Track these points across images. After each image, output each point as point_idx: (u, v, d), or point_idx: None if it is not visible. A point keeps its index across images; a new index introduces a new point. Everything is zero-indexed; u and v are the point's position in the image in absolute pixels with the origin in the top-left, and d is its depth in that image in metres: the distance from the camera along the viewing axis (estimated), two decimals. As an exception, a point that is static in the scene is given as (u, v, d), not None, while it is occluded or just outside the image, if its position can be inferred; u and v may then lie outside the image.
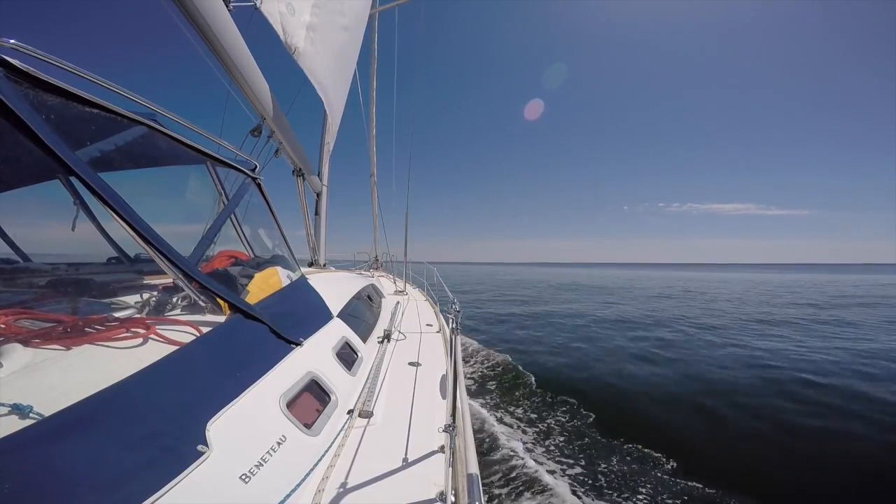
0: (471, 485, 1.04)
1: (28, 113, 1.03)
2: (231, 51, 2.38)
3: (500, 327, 13.18)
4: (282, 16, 3.42)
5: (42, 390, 0.91)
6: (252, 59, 2.66)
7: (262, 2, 3.23)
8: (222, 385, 1.30)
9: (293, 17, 3.54)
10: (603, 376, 7.58)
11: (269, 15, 3.32)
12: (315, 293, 2.64)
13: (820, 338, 10.90)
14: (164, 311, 1.66)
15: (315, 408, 1.71)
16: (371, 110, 8.51)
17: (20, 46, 1.08)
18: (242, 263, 2.23)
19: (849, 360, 8.40)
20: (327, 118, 5.33)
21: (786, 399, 6.29)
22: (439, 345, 3.40)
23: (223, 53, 2.34)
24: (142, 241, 1.31)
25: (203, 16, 2.04)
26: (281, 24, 3.41)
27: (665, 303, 19.91)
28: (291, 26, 3.54)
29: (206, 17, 2.05)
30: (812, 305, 18.77)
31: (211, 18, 2.10)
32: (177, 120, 1.78)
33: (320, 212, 6.25)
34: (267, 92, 3.07)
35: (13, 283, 1.85)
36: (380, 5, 7.70)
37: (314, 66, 3.86)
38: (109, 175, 1.41)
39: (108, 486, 0.80)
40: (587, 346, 10.05)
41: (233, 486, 1.06)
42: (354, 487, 1.36)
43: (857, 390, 6.61)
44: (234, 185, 2.36)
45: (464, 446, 1.41)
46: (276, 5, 3.36)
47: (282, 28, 3.43)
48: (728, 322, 13.57)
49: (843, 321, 13.84)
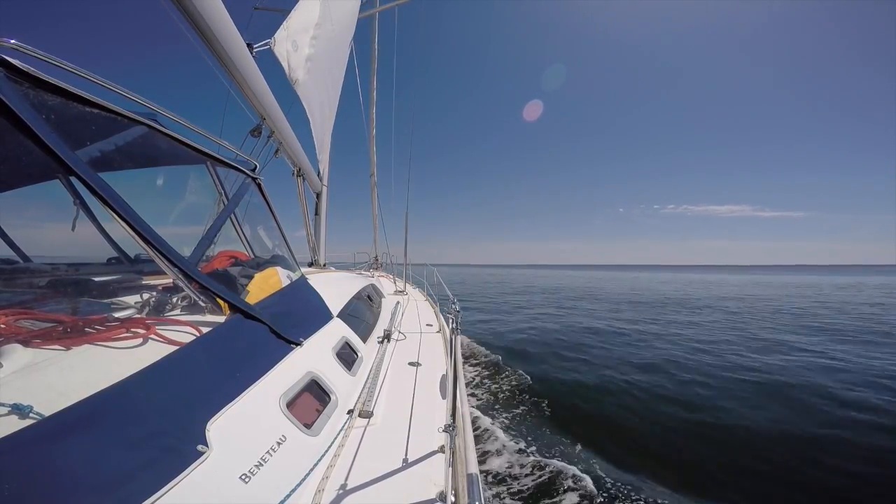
0: (471, 485, 1.04)
1: (28, 113, 1.03)
2: (230, 51, 2.38)
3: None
4: (288, 53, 3.94)
5: (42, 390, 0.91)
6: (251, 59, 2.66)
7: (275, 43, 3.74)
8: (222, 385, 1.30)
9: (296, 52, 4.04)
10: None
11: (279, 54, 3.84)
12: (315, 293, 2.64)
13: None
14: (164, 311, 1.66)
15: (315, 408, 1.71)
16: (371, 111, 8.52)
17: (20, 46, 1.08)
18: (242, 263, 2.22)
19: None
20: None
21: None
22: (439, 345, 3.40)
23: (222, 53, 2.34)
24: (142, 241, 1.31)
25: (202, 15, 2.04)
26: (287, 60, 3.92)
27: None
28: (294, 61, 4.03)
29: (205, 16, 2.05)
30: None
31: (210, 18, 2.10)
32: (177, 120, 1.78)
33: (320, 212, 6.25)
34: (267, 91, 3.08)
35: (13, 283, 1.84)
36: (380, 5, 7.70)
37: (310, 94, 4.39)
38: (109, 175, 1.41)
39: (108, 486, 0.80)
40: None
41: (233, 486, 1.06)
42: (354, 487, 1.36)
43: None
44: (234, 185, 2.36)
45: (464, 446, 1.41)
46: (284, 45, 3.86)
47: (287, 64, 3.94)
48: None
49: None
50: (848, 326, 12.96)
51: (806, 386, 6.85)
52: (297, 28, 4.07)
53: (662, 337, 11.24)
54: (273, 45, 3.69)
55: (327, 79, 4.93)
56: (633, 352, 9.46)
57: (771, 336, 11.32)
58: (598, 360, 8.66)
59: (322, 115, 4.98)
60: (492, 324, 13.79)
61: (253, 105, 3.07)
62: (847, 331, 12.14)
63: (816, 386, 6.84)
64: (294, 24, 4.04)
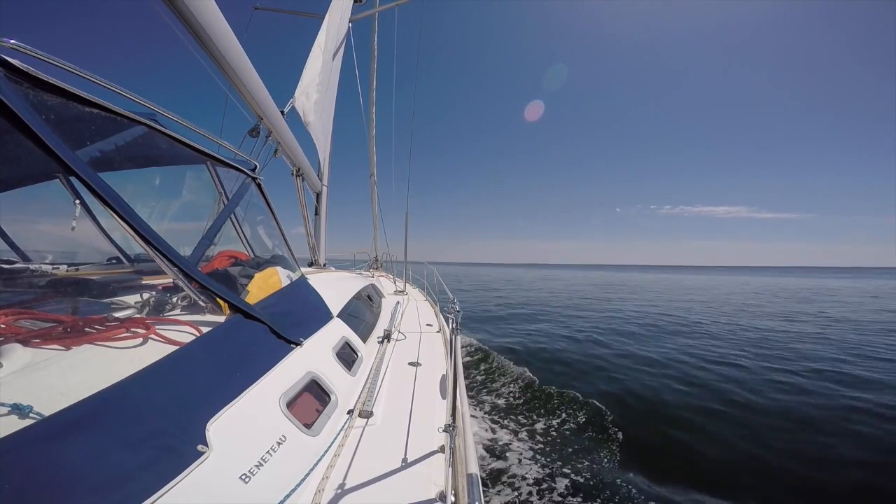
0: (471, 485, 1.04)
1: (28, 113, 1.03)
2: (225, 51, 2.37)
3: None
4: (304, 105, 4.68)
5: (42, 390, 0.91)
6: (246, 58, 2.64)
7: (295, 100, 4.56)
8: (222, 385, 1.30)
9: (308, 101, 4.75)
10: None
11: (299, 108, 4.61)
12: (315, 293, 2.64)
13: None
14: (164, 311, 1.66)
15: (315, 408, 1.71)
16: (371, 111, 8.51)
17: (20, 46, 1.08)
18: (242, 263, 2.22)
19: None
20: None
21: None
22: (439, 345, 3.41)
23: (216, 53, 2.32)
24: (142, 241, 1.31)
25: (194, 15, 2.02)
26: (303, 110, 4.66)
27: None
28: (307, 108, 4.73)
29: (197, 16, 2.03)
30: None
31: (203, 18, 2.08)
32: (177, 120, 1.78)
33: (320, 212, 6.25)
34: (263, 91, 3.06)
35: (13, 283, 1.85)
36: (380, 5, 7.70)
37: (317, 131, 5.10)
38: (109, 175, 1.41)
39: (108, 486, 0.80)
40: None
41: (233, 486, 1.06)
42: (354, 487, 1.36)
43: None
44: (234, 185, 2.36)
45: (464, 446, 1.41)
46: (302, 99, 4.67)
47: (303, 112, 4.67)
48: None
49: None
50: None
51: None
52: (308, 82, 4.81)
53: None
54: (294, 102, 4.51)
55: (327, 94, 5.47)
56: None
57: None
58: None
59: (322, 118, 5.09)
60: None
61: (249, 105, 3.06)
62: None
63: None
64: (306, 79, 4.81)
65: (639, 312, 16.13)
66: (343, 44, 6.50)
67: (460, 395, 1.55)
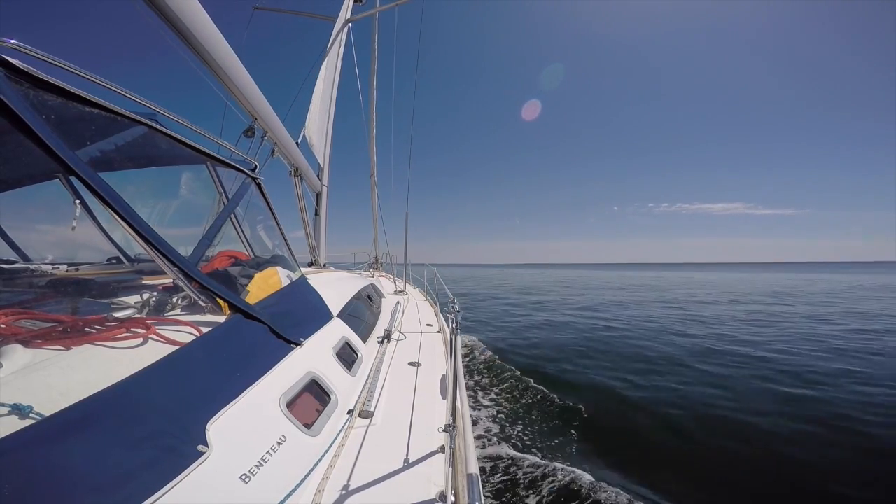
0: (471, 485, 1.04)
1: (28, 113, 1.03)
2: (212, 50, 2.35)
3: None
4: (309, 130, 5.38)
5: (42, 390, 0.91)
6: (236, 58, 2.62)
7: (303, 133, 5.34)
8: (222, 385, 1.30)
9: (312, 124, 5.44)
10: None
11: (308, 138, 5.40)
12: (315, 293, 2.64)
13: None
14: (164, 311, 1.66)
15: (315, 408, 1.71)
16: (371, 111, 8.51)
17: (20, 46, 1.08)
18: (242, 263, 2.22)
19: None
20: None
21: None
22: (439, 345, 3.41)
23: (203, 52, 2.31)
24: (142, 240, 1.31)
25: (177, 14, 2.00)
26: (311, 138, 5.36)
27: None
28: (311, 132, 5.45)
29: (180, 16, 2.02)
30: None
31: (188, 19, 2.06)
32: (177, 120, 1.78)
33: (320, 212, 6.26)
34: (255, 91, 3.04)
35: (13, 283, 1.84)
36: (380, 5, 7.70)
37: (319, 150, 5.87)
38: (109, 175, 1.41)
39: (108, 486, 0.80)
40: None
41: (233, 486, 1.06)
42: (354, 487, 1.36)
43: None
44: (234, 184, 2.36)
45: (464, 446, 1.41)
46: (310, 129, 5.45)
47: (310, 138, 5.36)
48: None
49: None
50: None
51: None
52: (312, 116, 5.59)
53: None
54: (302, 135, 5.31)
55: (324, 96, 6.31)
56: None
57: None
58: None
59: (321, 118, 5.22)
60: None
61: (242, 105, 3.04)
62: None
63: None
64: (312, 114, 5.62)
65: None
66: (343, 44, 6.57)
67: (460, 395, 1.55)
